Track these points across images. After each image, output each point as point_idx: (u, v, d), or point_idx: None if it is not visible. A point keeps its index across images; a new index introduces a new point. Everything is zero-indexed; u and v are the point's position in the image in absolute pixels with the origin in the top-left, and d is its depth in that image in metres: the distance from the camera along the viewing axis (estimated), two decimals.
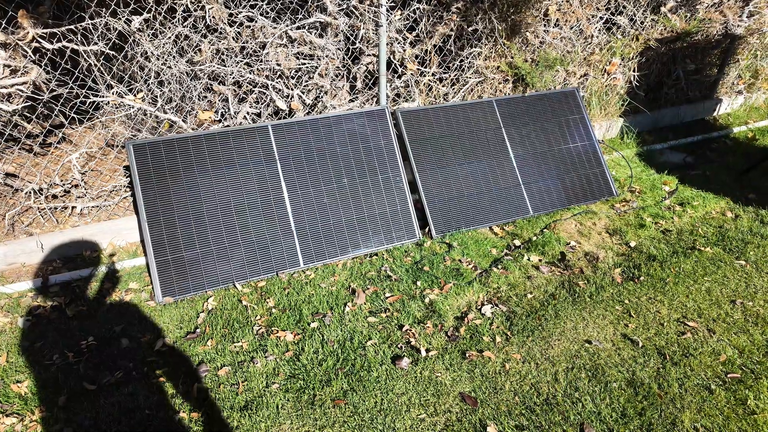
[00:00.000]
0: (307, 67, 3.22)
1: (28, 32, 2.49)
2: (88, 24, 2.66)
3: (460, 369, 2.05)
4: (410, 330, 2.28)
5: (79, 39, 2.69)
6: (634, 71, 4.41)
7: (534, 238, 3.01)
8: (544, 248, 2.90)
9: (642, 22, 4.25)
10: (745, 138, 4.62)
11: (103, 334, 2.27)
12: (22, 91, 2.61)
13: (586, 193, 3.46)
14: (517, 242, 3.00)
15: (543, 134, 3.49)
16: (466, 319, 2.34)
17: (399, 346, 2.19)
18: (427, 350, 2.15)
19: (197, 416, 1.85)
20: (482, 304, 2.44)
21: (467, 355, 2.12)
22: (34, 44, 2.56)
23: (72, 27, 2.62)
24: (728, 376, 2.00)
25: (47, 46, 2.57)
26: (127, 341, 2.22)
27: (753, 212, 3.26)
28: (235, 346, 2.19)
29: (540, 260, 2.81)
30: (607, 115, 4.48)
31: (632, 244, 2.96)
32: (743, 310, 2.38)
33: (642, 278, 2.62)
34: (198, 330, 2.30)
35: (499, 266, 2.75)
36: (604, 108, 4.44)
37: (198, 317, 2.38)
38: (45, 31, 2.56)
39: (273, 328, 2.29)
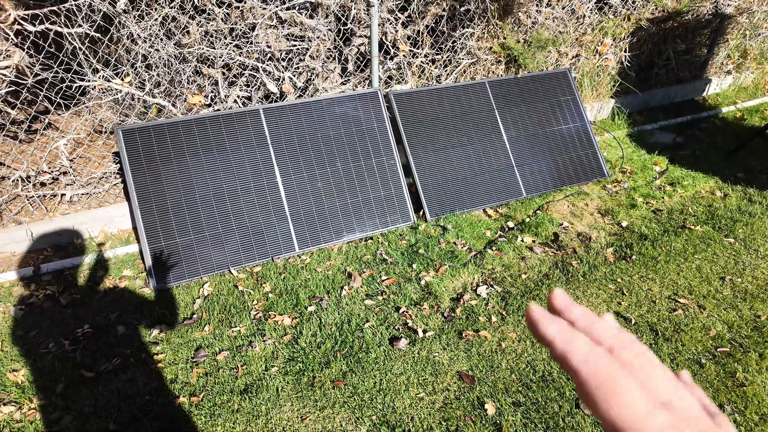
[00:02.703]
0: (297, 49, 3.17)
1: (9, 14, 2.41)
2: (72, 5, 2.58)
3: (457, 348, 2.08)
4: (407, 312, 2.29)
5: (62, 21, 2.61)
6: (625, 51, 4.40)
7: (527, 220, 3.04)
8: (538, 229, 2.92)
9: (634, 2, 4.23)
10: (734, 118, 4.66)
11: (98, 322, 2.25)
12: (4, 75, 2.53)
13: (579, 174, 3.48)
14: (511, 224, 3.02)
15: (535, 115, 3.49)
16: (461, 300, 2.36)
17: (396, 327, 2.20)
18: (424, 331, 2.17)
19: (197, 400, 1.86)
20: (477, 285, 2.47)
21: (464, 335, 2.14)
22: (16, 26, 2.48)
23: (54, 8, 2.54)
24: (718, 350, 2.05)
25: (29, 28, 2.49)
26: (123, 328, 2.22)
27: (741, 191, 3.31)
28: (232, 331, 2.19)
29: (533, 241, 2.84)
30: (599, 95, 4.48)
31: (624, 223, 2.99)
32: (732, 286, 2.43)
33: (634, 257, 2.66)
34: (195, 316, 2.30)
35: (494, 248, 2.77)
36: (595, 89, 4.44)
37: (194, 303, 2.38)
38: (27, 12, 2.48)
39: (270, 313, 2.29)
